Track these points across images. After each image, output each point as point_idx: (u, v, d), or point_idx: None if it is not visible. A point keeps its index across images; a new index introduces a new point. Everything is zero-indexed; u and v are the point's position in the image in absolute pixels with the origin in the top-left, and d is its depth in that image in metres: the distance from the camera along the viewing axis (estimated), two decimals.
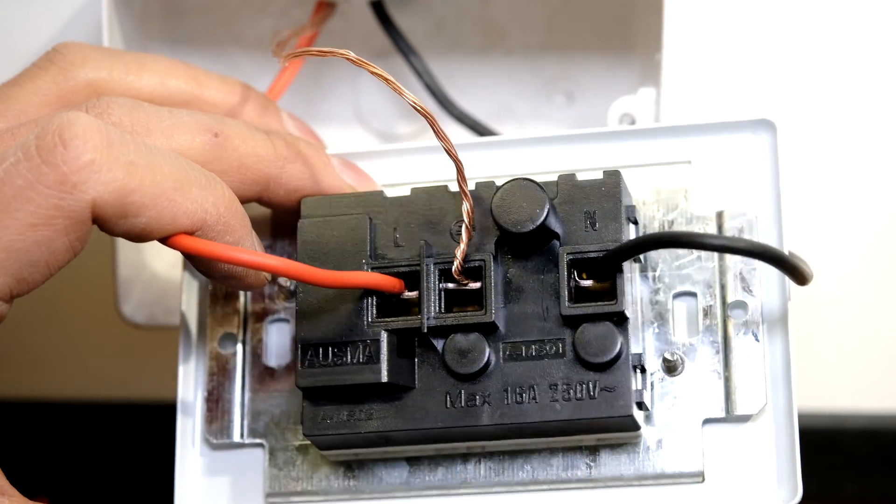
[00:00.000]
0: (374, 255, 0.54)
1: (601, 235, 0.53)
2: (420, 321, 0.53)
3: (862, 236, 0.74)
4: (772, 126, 0.56)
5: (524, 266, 0.54)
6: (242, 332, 0.57)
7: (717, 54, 0.73)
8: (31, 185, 0.48)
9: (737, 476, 0.53)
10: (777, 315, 0.54)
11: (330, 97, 0.70)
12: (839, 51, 0.73)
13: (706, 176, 0.56)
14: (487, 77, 0.69)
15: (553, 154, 0.57)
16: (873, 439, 0.75)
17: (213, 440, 0.57)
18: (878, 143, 0.74)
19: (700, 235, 0.53)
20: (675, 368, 0.54)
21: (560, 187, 0.54)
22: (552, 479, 0.54)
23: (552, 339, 0.53)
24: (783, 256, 0.52)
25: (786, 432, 0.54)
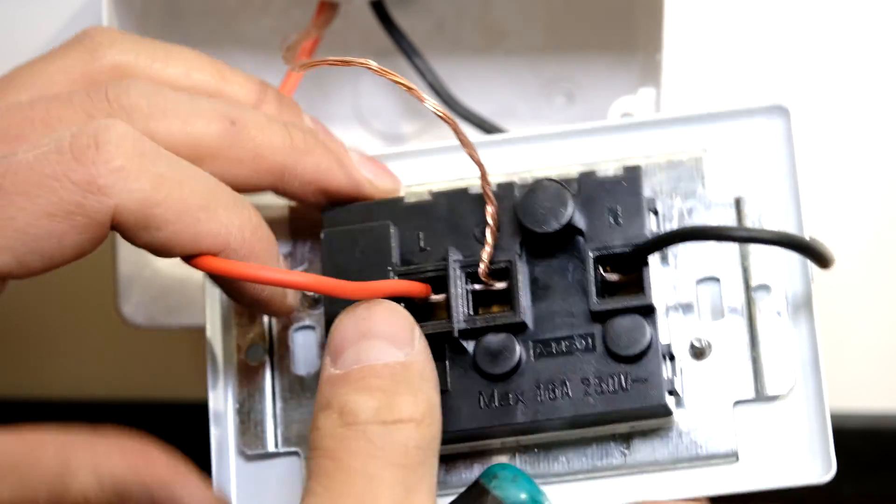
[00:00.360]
0: (401, 261, 0.55)
1: (625, 231, 0.54)
2: (450, 325, 0.53)
3: (862, 237, 0.74)
4: (785, 111, 0.57)
5: (549, 264, 0.54)
6: (269, 342, 0.58)
7: (717, 54, 0.73)
8: (57, 176, 0.48)
9: (770, 454, 0.54)
10: (801, 294, 0.55)
11: (331, 97, 0.70)
12: (840, 49, 0.74)
13: (722, 163, 0.57)
14: (487, 77, 0.69)
15: (566, 149, 0.58)
16: (873, 439, 0.75)
17: (247, 451, 0.57)
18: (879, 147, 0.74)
19: (725, 228, 0.54)
20: (703, 353, 0.55)
21: (581, 184, 0.54)
22: (587, 469, 0.54)
23: (582, 335, 0.53)
24: (808, 244, 0.53)
25: (816, 409, 0.54)
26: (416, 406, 0.50)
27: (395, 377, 0.50)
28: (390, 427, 0.49)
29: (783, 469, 0.54)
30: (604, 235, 0.54)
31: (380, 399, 0.50)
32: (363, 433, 0.49)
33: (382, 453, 0.49)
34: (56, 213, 0.48)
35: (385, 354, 0.51)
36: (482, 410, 0.53)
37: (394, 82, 0.53)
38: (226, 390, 0.58)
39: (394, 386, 0.50)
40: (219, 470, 0.57)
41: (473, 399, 0.53)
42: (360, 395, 0.50)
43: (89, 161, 0.48)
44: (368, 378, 0.50)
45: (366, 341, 0.51)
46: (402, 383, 0.50)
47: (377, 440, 0.49)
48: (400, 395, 0.50)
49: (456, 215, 0.55)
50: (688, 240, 0.54)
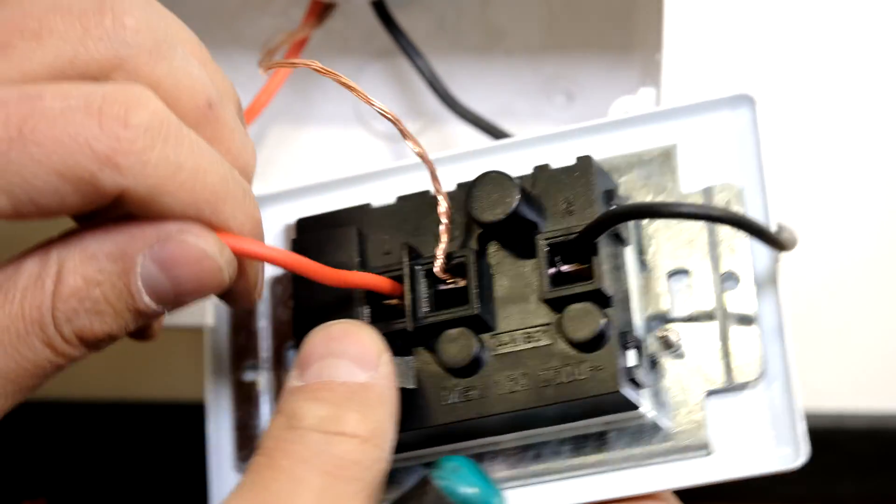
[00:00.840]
0: (364, 263, 0.55)
1: (577, 219, 0.54)
2: (406, 323, 0.54)
3: (862, 237, 0.74)
4: (750, 100, 0.56)
5: (508, 259, 0.54)
6: (263, 360, 0.58)
7: (717, 54, 0.73)
8: (79, 140, 0.47)
9: (743, 444, 0.54)
10: (767, 279, 0.55)
11: (331, 98, 0.70)
12: (840, 48, 0.74)
13: (693, 157, 0.57)
14: (487, 77, 0.69)
15: (539, 153, 0.58)
16: (873, 439, 0.75)
17: (244, 466, 0.57)
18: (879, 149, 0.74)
19: (666, 204, 0.54)
20: (672, 344, 0.55)
21: (536, 178, 0.55)
22: (565, 468, 0.54)
23: (538, 325, 0.53)
24: (746, 220, 0.52)
25: (786, 394, 0.54)
26: (362, 424, 0.50)
27: (350, 395, 0.51)
28: (330, 437, 0.50)
29: (755, 459, 0.54)
30: (556, 225, 0.54)
31: (328, 410, 0.50)
32: (301, 437, 0.49)
33: (316, 460, 0.49)
34: (67, 174, 0.47)
35: (348, 374, 0.51)
36: (445, 407, 0.53)
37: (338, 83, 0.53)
38: (222, 407, 0.59)
39: (346, 402, 0.50)
40: (217, 484, 0.58)
41: (438, 395, 0.54)
42: (310, 403, 0.50)
43: (114, 134, 0.47)
44: (324, 391, 0.51)
45: (332, 359, 0.51)
46: (356, 402, 0.50)
47: (313, 446, 0.49)
48: (349, 411, 0.50)
49: (418, 217, 0.56)
50: (630, 217, 0.54)
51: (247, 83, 0.69)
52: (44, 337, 0.48)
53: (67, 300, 0.48)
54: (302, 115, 0.70)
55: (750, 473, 0.54)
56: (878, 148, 0.74)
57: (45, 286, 0.48)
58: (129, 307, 0.49)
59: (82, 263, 0.48)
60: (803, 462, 0.53)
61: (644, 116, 0.57)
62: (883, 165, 0.74)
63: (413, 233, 0.56)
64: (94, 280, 0.48)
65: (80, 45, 0.49)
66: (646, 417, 0.54)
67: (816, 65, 0.74)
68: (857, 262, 0.73)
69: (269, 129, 0.70)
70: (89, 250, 0.48)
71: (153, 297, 0.49)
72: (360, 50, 0.69)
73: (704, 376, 0.54)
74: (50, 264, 0.48)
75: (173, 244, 0.49)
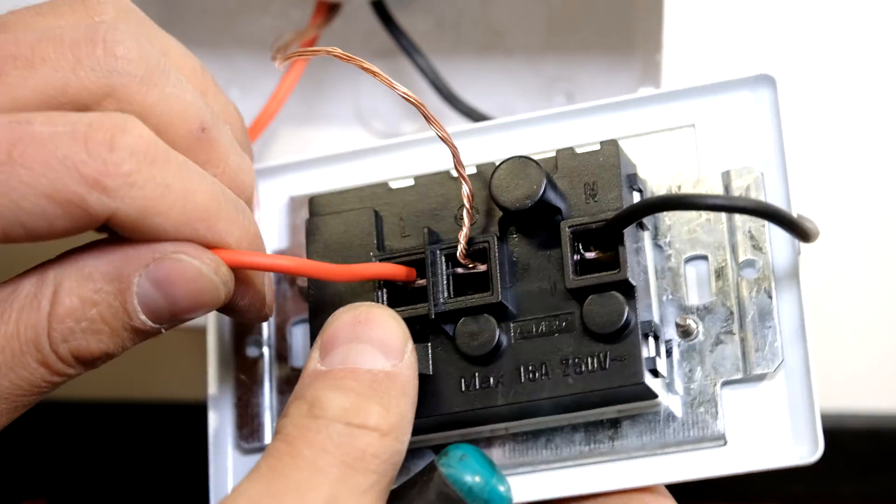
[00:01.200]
0: (382, 246, 0.55)
1: (601, 206, 0.53)
2: (428, 308, 0.53)
3: (862, 237, 0.74)
4: (771, 81, 0.56)
5: (530, 244, 0.54)
6: (267, 336, 0.58)
7: (717, 54, 0.73)
8: (67, 163, 0.48)
9: (758, 436, 0.53)
10: (788, 271, 0.54)
11: (331, 98, 0.70)
12: (840, 48, 0.74)
13: (711, 137, 0.56)
14: (488, 77, 0.69)
15: (555, 131, 0.57)
16: (873, 439, 0.75)
17: (244, 444, 0.57)
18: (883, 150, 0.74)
19: (696, 196, 0.53)
20: (691, 333, 0.54)
21: (559, 162, 0.54)
22: (576, 456, 0.54)
23: (560, 314, 0.53)
24: (780, 212, 0.52)
25: (803, 388, 0.53)
26: (385, 417, 0.50)
27: (374, 384, 0.50)
28: (353, 429, 0.49)
29: (770, 452, 0.53)
30: (580, 211, 0.53)
31: (352, 401, 0.50)
32: (325, 427, 0.49)
33: (337, 451, 0.49)
34: (56, 197, 0.47)
35: (372, 361, 0.51)
36: (464, 394, 0.53)
37: (361, 68, 0.53)
38: (224, 383, 0.58)
39: (370, 392, 0.50)
40: (216, 462, 0.57)
41: (455, 383, 0.53)
42: (334, 392, 0.50)
43: (100, 157, 0.48)
44: (348, 379, 0.50)
45: (357, 344, 0.51)
46: (380, 392, 0.50)
47: (336, 438, 0.49)
48: (373, 403, 0.50)
49: (438, 199, 0.55)
50: (659, 209, 0.53)
51: (247, 84, 0.69)
52: (39, 357, 0.49)
53: (64, 320, 0.48)
54: (302, 115, 0.70)
55: (765, 467, 0.53)
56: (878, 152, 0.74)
57: (42, 306, 0.48)
58: (125, 326, 0.49)
59: (78, 284, 0.49)
60: (819, 457, 0.52)
61: (662, 95, 0.56)
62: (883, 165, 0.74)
63: (431, 215, 0.55)
64: (91, 300, 0.49)
65: (71, 74, 0.49)
66: (661, 406, 0.53)
67: (816, 64, 0.74)
68: (857, 262, 0.73)
69: (269, 129, 0.70)
70: (86, 270, 0.49)
71: (150, 315, 0.49)
72: (360, 50, 0.69)
73: (721, 366, 0.53)
74: (46, 284, 0.49)
75: (168, 263, 0.49)
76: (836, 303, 0.73)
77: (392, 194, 0.55)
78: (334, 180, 0.59)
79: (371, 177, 0.58)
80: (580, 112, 0.57)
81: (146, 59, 0.50)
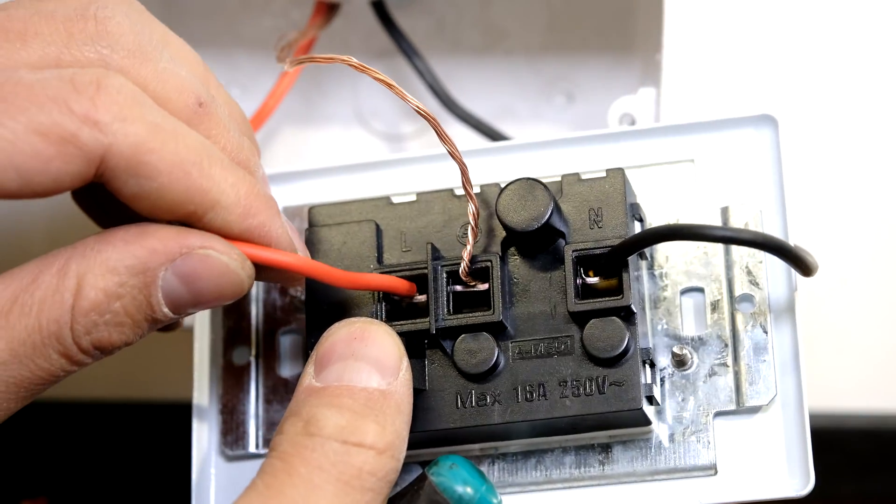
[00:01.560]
0: (382, 260, 0.55)
1: (605, 232, 0.53)
2: (428, 323, 0.53)
3: (862, 238, 0.74)
4: (773, 121, 0.56)
5: (531, 265, 0.54)
6: (255, 344, 0.58)
7: (717, 54, 0.73)
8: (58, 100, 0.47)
9: (749, 468, 0.54)
10: (784, 306, 0.55)
11: (331, 98, 0.70)
12: (839, 48, 0.73)
13: (710, 173, 0.56)
14: (488, 77, 0.69)
15: (557, 156, 0.58)
16: (873, 439, 0.75)
17: (228, 452, 0.57)
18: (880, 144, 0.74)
19: (703, 227, 0.53)
20: (685, 363, 0.54)
21: (564, 186, 0.54)
22: (565, 478, 0.54)
23: (560, 337, 0.53)
24: (785, 246, 0.52)
25: (796, 422, 0.54)
26: (381, 436, 0.50)
27: (370, 403, 0.50)
28: (349, 447, 0.49)
29: (761, 484, 0.53)
30: (584, 236, 0.54)
31: (348, 419, 0.50)
32: (321, 445, 0.49)
33: (333, 469, 0.49)
34: (48, 134, 0.47)
35: (367, 379, 0.51)
36: (459, 410, 0.53)
37: (375, 79, 0.53)
38: (210, 390, 0.58)
39: (366, 411, 0.50)
40: (199, 469, 0.57)
41: (451, 399, 0.53)
42: (330, 410, 0.50)
43: (89, 95, 0.47)
44: (344, 397, 0.50)
45: (353, 361, 0.51)
46: (376, 410, 0.50)
47: (332, 455, 0.49)
48: (369, 421, 0.50)
49: (440, 216, 0.55)
50: (666, 239, 0.54)
51: (247, 83, 0.69)
52: (61, 349, 0.48)
53: (88, 314, 0.48)
54: (301, 115, 0.70)
55: (754, 497, 0.53)
56: (877, 148, 0.74)
57: (65, 300, 0.48)
58: (147, 318, 0.49)
59: (103, 277, 0.48)
60: (809, 491, 0.53)
61: (662, 129, 0.57)
62: (883, 165, 0.74)
63: (432, 232, 0.55)
64: (115, 294, 0.48)
65: (63, 48, 0.49)
66: (653, 433, 0.54)
67: (817, 65, 0.74)
68: (857, 262, 0.73)
69: (269, 129, 0.70)
70: (110, 263, 0.48)
71: (171, 307, 0.49)
72: (360, 50, 0.69)
73: (714, 397, 0.54)
74: (69, 277, 0.48)
75: (196, 259, 0.49)
76: (836, 304, 0.73)
77: (393, 209, 0.56)
78: (328, 192, 0.59)
79: (367, 190, 0.58)
80: (582, 140, 0.58)
81: (138, 34, 0.50)
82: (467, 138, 0.67)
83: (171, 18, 0.68)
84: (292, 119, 0.69)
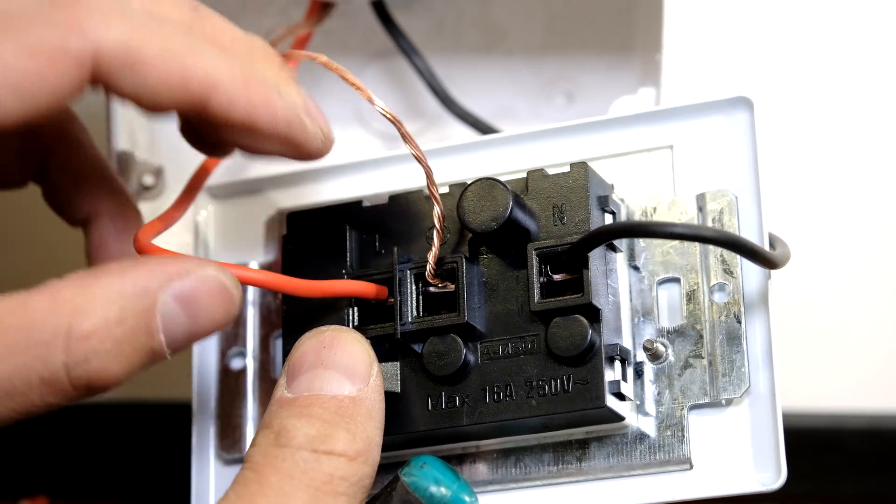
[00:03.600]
0: (355, 264, 0.55)
1: (568, 228, 0.53)
2: (395, 327, 0.53)
3: (862, 238, 0.74)
4: (749, 103, 0.55)
5: (500, 265, 0.54)
6: (251, 348, 0.58)
7: (717, 54, 0.73)
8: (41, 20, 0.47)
9: (724, 461, 0.53)
10: (757, 296, 0.54)
11: (330, 98, 0.70)
12: (837, 48, 0.74)
13: (688, 159, 0.56)
14: (487, 77, 0.69)
15: (534, 150, 0.57)
16: (873, 439, 0.75)
17: (226, 455, 0.57)
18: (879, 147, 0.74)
19: (658, 224, 0.53)
20: (660, 356, 0.54)
21: (529, 183, 0.54)
22: (544, 476, 0.54)
23: (526, 336, 0.53)
24: (741, 241, 0.52)
25: (769, 414, 0.53)
26: (352, 443, 0.50)
27: (340, 410, 0.50)
28: (320, 456, 0.49)
29: (735, 477, 0.53)
30: (548, 233, 0.53)
31: (318, 428, 0.50)
32: (291, 455, 0.49)
33: (304, 476, 0.49)
34: (39, 51, 0.47)
35: (337, 387, 0.51)
36: (430, 413, 0.53)
37: (344, 80, 0.53)
38: (208, 394, 0.58)
39: (336, 419, 0.50)
40: (198, 473, 0.58)
41: (422, 401, 0.53)
42: (300, 420, 0.50)
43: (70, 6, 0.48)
44: (314, 406, 0.50)
45: (322, 370, 0.51)
46: (346, 418, 0.50)
47: (303, 464, 0.49)
48: (339, 429, 0.50)
49: (410, 217, 0.55)
50: (620, 236, 0.53)
51: None
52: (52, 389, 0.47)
53: (86, 340, 0.47)
54: None
55: (729, 492, 0.53)
56: (877, 150, 0.74)
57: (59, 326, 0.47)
58: (144, 346, 0.48)
59: (103, 307, 0.47)
60: (781, 485, 0.52)
61: (639, 116, 0.56)
62: (883, 165, 0.74)
63: (405, 233, 0.55)
64: (116, 319, 0.47)
65: None
66: (629, 428, 0.53)
67: (817, 64, 0.74)
68: (856, 262, 0.73)
69: None
70: (111, 289, 0.48)
71: (167, 337, 0.48)
72: (359, 50, 0.69)
73: (689, 390, 0.53)
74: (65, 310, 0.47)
75: (194, 279, 0.49)
76: (836, 304, 0.73)
77: (366, 212, 0.56)
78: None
79: (344, 193, 0.58)
80: (560, 132, 0.57)
81: None
82: (467, 137, 0.67)
83: None
84: None
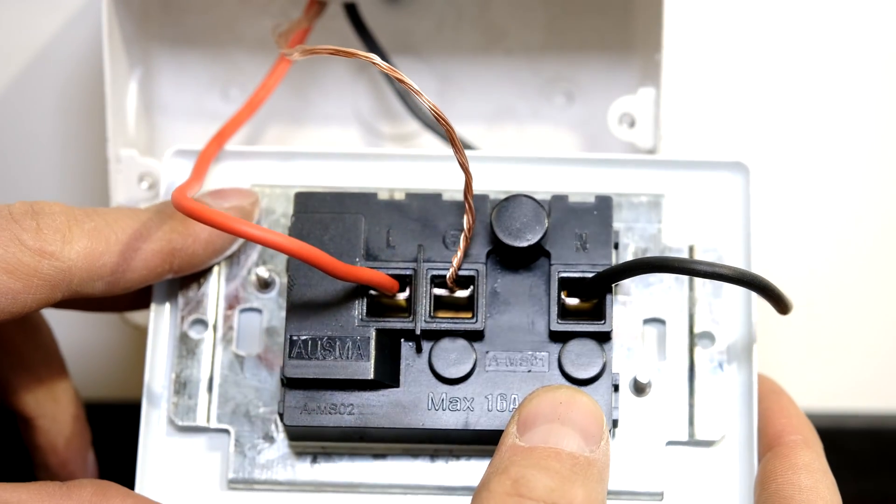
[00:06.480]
0: (368, 254, 0.55)
1: (591, 257, 0.55)
2: (413, 323, 0.54)
3: (862, 238, 0.74)
4: (745, 169, 0.58)
5: (513, 279, 0.55)
6: (214, 319, 0.58)
7: (717, 54, 0.73)
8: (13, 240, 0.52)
9: (694, 498, 0.55)
10: (742, 347, 0.56)
11: (330, 97, 0.70)
12: (836, 51, 0.73)
13: (679, 209, 0.58)
14: (487, 77, 0.69)
15: (531, 173, 0.59)
16: (873, 439, 0.75)
17: (178, 422, 0.57)
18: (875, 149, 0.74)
19: (690, 261, 0.54)
20: (644, 390, 0.56)
21: (552, 208, 0.55)
22: None
23: (537, 352, 0.54)
24: (769, 285, 0.53)
25: (745, 460, 0.55)
26: (587, 501, 0.50)
27: (577, 468, 0.50)
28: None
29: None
30: (569, 259, 0.55)
31: (557, 482, 0.50)
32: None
33: None
34: (15, 271, 0.52)
35: (573, 445, 0.51)
36: (429, 412, 0.54)
37: (398, 81, 0.53)
38: (165, 360, 0.58)
39: (573, 476, 0.50)
40: (145, 437, 0.57)
41: (423, 399, 0.54)
42: (539, 472, 0.50)
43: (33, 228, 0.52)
44: (552, 460, 0.50)
45: (559, 426, 0.51)
46: (582, 476, 0.50)
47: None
48: (577, 486, 0.50)
49: (427, 218, 0.56)
50: (654, 270, 0.55)
51: (247, 83, 0.69)
52: None
53: None
54: (300, 114, 0.70)
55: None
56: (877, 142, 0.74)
57: None
58: None
59: None
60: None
61: (638, 161, 0.58)
62: (883, 165, 0.74)
63: (418, 232, 0.56)
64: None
65: None
66: None
67: (817, 64, 0.74)
68: (856, 262, 0.73)
69: (268, 128, 0.70)
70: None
71: None
72: (359, 49, 0.69)
73: (667, 426, 0.55)
74: None
75: None
76: (836, 304, 0.74)
77: (381, 205, 0.56)
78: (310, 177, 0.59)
79: (345, 181, 0.59)
80: (563, 161, 0.59)
81: None
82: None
83: (169, 18, 0.69)
84: (291, 119, 0.70)
